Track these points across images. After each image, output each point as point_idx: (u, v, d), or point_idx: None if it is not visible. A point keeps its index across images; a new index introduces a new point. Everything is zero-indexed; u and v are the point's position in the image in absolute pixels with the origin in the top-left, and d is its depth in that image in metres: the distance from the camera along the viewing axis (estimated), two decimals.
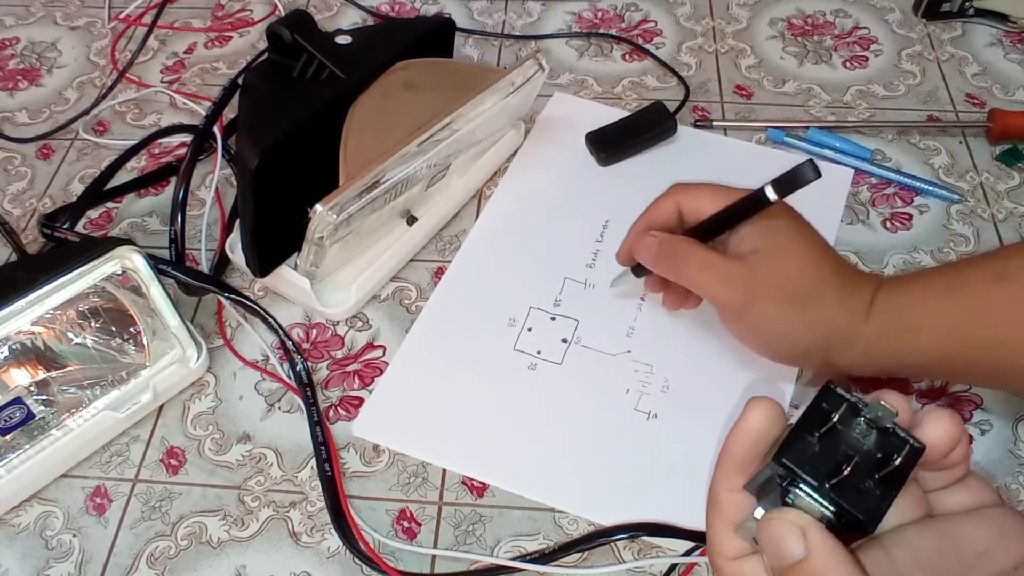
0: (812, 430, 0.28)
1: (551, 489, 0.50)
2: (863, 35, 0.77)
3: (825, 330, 0.42)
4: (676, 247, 0.44)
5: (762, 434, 0.29)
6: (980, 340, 0.40)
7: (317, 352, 0.57)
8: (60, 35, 0.81)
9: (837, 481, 0.26)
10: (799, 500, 0.27)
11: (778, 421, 0.29)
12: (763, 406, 0.29)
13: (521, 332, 0.57)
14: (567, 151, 0.67)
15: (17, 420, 0.49)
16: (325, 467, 0.51)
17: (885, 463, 0.27)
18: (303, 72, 0.56)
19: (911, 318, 0.41)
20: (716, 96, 0.72)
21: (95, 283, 0.50)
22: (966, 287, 0.41)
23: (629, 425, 0.52)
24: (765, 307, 0.42)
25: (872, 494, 0.26)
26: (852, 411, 0.28)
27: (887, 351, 0.42)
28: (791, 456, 0.27)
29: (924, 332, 0.41)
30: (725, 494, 0.30)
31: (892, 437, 0.27)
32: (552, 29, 0.78)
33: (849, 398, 0.28)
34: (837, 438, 0.28)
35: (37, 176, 0.68)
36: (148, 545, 0.49)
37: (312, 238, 0.51)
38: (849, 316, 0.42)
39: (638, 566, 0.47)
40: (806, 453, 0.27)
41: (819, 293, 0.42)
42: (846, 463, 0.27)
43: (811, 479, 0.26)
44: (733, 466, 0.29)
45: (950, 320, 0.40)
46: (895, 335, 0.41)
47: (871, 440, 0.28)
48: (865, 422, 0.28)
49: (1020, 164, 0.66)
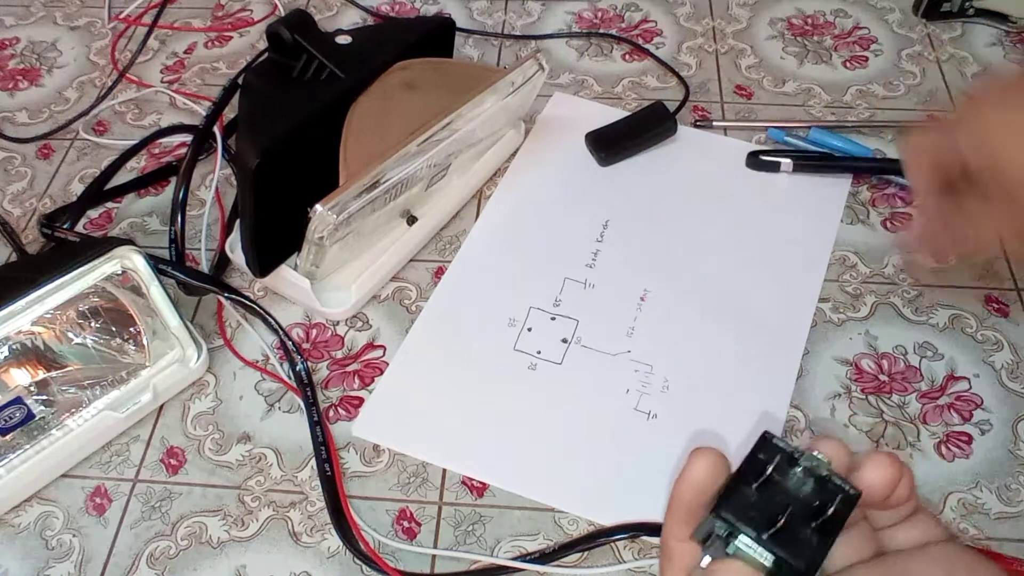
0: (750, 481, 0.28)
1: (551, 489, 0.50)
2: (863, 35, 0.77)
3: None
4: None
5: (706, 484, 0.29)
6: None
7: (317, 352, 0.57)
8: (60, 35, 0.81)
9: (774, 531, 0.27)
10: (739, 551, 0.27)
11: (722, 471, 0.29)
12: (707, 457, 0.29)
13: (521, 332, 0.57)
14: (567, 151, 0.67)
15: (17, 420, 0.49)
16: (325, 467, 0.51)
17: (822, 511, 0.28)
18: (303, 72, 0.56)
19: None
20: (716, 96, 0.72)
21: (95, 283, 0.50)
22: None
23: (629, 425, 0.52)
24: None
25: (810, 542, 0.27)
26: (788, 461, 0.29)
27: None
28: (729, 508, 0.28)
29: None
30: (675, 543, 0.30)
31: (828, 485, 0.28)
32: (552, 29, 0.78)
33: (785, 448, 0.29)
34: (775, 488, 0.28)
35: (37, 176, 0.68)
36: (148, 545, 0.49)
37: (312, 238, 0.51)
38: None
39: (638, 566, 0.47)
40: (744, 504, 0.28)
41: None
42: (782, 513, 0.27)
43: (749, 530, 0.27)
44: (681, 516, 0.30)
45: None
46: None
47: (808, 489, 0.28)
48: (802, 471, 0.28)
49: None
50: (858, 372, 0.55)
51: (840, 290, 0.59)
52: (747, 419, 0.52)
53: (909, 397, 0.54)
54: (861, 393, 0.54)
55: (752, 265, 0.60)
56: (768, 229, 0.62)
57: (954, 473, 0.50)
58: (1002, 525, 0.48)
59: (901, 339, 0.56)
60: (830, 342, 0.56)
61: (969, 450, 0.51)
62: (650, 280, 0.59)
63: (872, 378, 0.54)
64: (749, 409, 0.52)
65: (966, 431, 0.52)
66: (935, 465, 0.51)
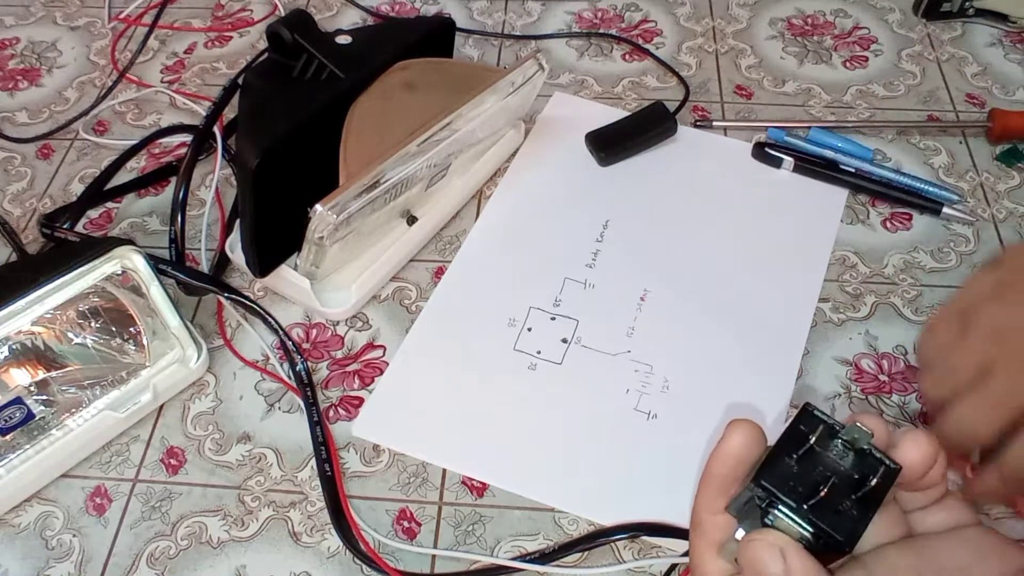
0: (790, 452, 0.28)
1: (551, 489, 0.50)
2: (863, 35, 0.77)
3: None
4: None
5: (743, 456, 0.29)
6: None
7: (317, 352, 0.57)
8: (60, 35, 0.81)
9: (815, 502, 0.27)
10: (778, 521, 0.27)
11: (758, 443, 0.29)
12: (744, 428, 0.29)
13: (521, 332, 0.57)
14: (567, 151, 0.67)
15: (17, 420, 0.49)
16: (325, 467, 0.51)
17: (862, 484, 0.27)
18: (303, 72, 0.56)
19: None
20: (716, 96, 0.72)
21: (95, 283, 0.50)
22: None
23: (629, 425, 0.52)
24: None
25: (849, 514, 0.27)
26: (830, 433, 0.29)
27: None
28: (770, 478, 0.27)
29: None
30: (708, 516, 0.30)
31: (869, 458, 0.28)
32: (552, 29, 0.78)
33: (826, 420, 0.29)
34: (815, 460, 0.28)
35: (37, 176, 0.68)
36: (148, 545, 0.49)
37: (312, 238, 0.51)
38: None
39: (638, 566, 0.47)
40: (785, 475, 0.28)
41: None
42: (823, 484, 0.27)
43: (789, 500, 0.27)
44: (715, 488, 0.30)
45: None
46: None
47: (848, 462, 0.28)
48: (842, 444, 0.28)
49: (1020, 164, 0.66)
50: (858, 372, 0.55)
51: (840, 290, 0.59)
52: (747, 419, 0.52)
53: (909, 397, 0.54)
54: (861, 393, 0.54)
55: (752, 265, 0.60)
56: (768, 229, 0.62)
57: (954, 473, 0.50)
58: (1002, 525, 0.48)
59: (901, 339, 0.56)
60: (830, 342, 0.56)
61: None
62: (650, 280, 0.59)
63: (872, 378, 0.54)
64: (749, 409, 0.52)
65: None
66: None
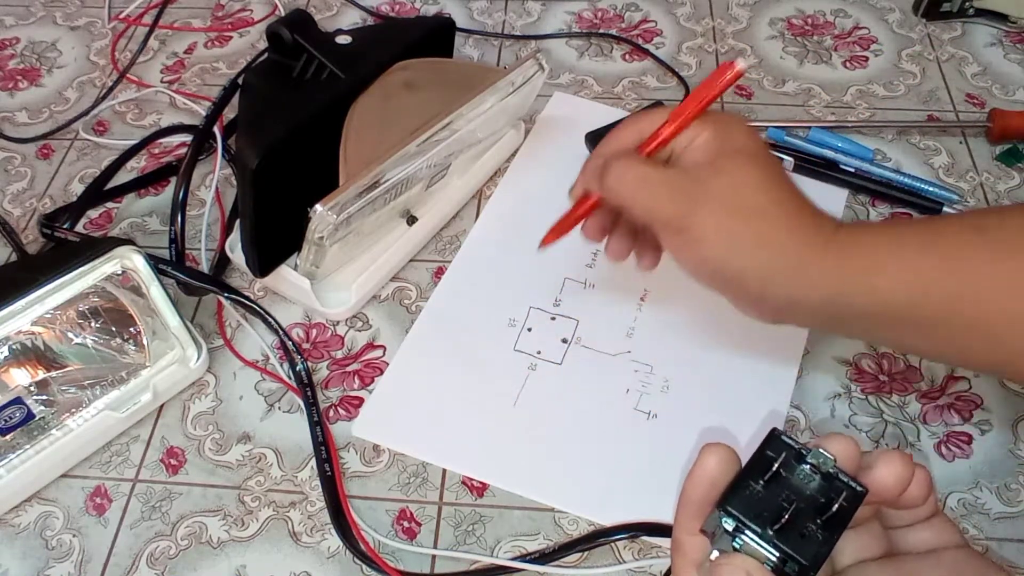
0: (757, 477, 0.29)
1: (551, 489, 0.50)
2: (863, 35, 0.77)
3: (771, 253, 0.37)
4: (614, 164, 0.39)
5: (716, 479, 0.30)
6: (947, 291, 0.36)
7: (317, 352, 0.57)
8: (60, 35, 0.81)
9: (780, 526, 0.28)
10: (746, 546, 0.28)
11: (732, 466, 0.30)
12: (717, 452, 0.30)
13: (521, 332, 0.57)
14: (567, 151, 0.67)
15: (17, 420, 0.49)
16: (325, 467, 0.51)
17: (828, 507, 0.28)
18: (303, 72, 0.56)
19: (877, 258, 0.37)
20: None
21: (95, 283, 0.50)
22: (940, 235, 0.37)
23: (629, 425, 0.52)
24: (705, 219, 0.37)
25: (815, 538, 0.28)
26: (796, 457, 0.29)
27: (842, 291, 0.37)
28: (736, 503, 0.28)
29: (889, 274, 0.37)
30: (686, 537, 0.31)
31: (835, 481, 0.29)
32: (552, 29, 0.78)
33: (792, 444, 0.29)
34: (781, 484, 0.29)
35: (37, 176, 0.68)
36: (148, 545, 0.49)
37: (312, 238, 0.51)
38: (804, 243, 0.37)
39: (638, 566, 0.47)
40: (751, 500, 0.28)
41: (772, 213, 0.37)
42: (789, 508, 0.28)
43: (755, 525, 0.28)
44: (691, 511, 0.30)
45: (918, 265, 0.37)
46: (856, 274, 0.37)
47: (815, 485, 0.29)
48: (809, 468, 0.29)
49: (1020, 164, 0.66)
50: (858, 372, 0.55)
51: None
52: (747, 419, 0.52)
53: (909, 397, 0.54)
54: (861, 393, 0.54)
55: None
56: None
57: (954, 473, 0.50)
58: (1002, 525, 0.48)
59: None
60: (830, 342, 0.56)
61: (969, 450, 0.51)
62: (650, 280, 0.59)
63: (872, 378, 0.54)
64: (749, 409, 0.52)
65: (966, 431, 0.52)
66: (935, 465, 0.51)
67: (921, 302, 0.37)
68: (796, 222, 0.38)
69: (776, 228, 0.37)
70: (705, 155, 0.39)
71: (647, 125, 0.41)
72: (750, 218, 0.37)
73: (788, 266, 0.37)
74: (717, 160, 0.38)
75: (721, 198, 0.38)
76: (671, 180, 0.39)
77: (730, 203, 0.38)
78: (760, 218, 0.37)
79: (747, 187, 0.38)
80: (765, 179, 0.38)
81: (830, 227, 0.38)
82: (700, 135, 0.39)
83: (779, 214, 0.38)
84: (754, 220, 0.37)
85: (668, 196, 0.38)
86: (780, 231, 0.37)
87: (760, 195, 0.38)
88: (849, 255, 0.37)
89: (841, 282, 0.37)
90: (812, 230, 0.38)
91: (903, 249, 0.37)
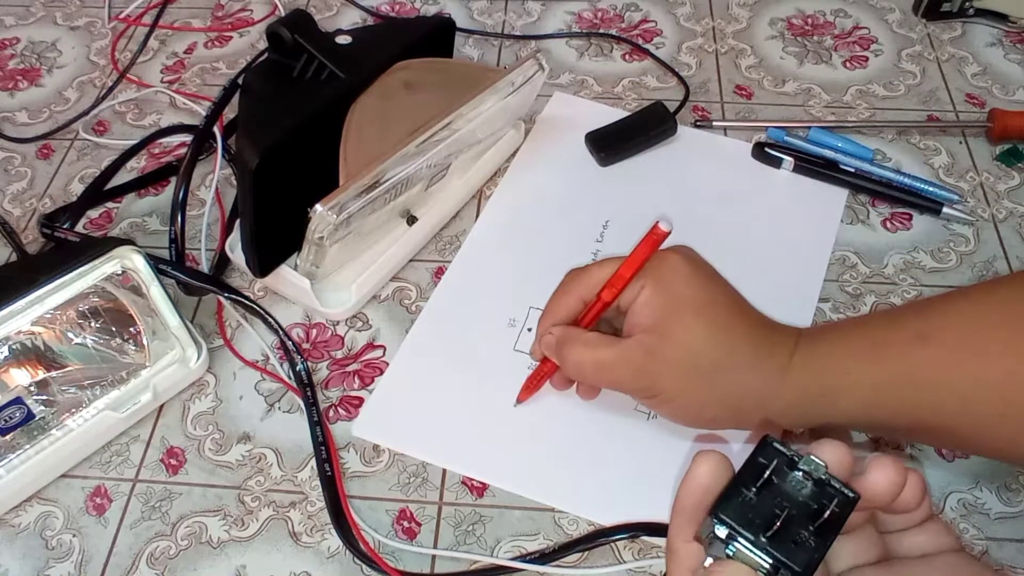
0: (749, 484, 0.29)
1: (551, 489, 0.50)
2: (863, 35, 0.77)
3: (737, 397, 0.41)
4: (567, 350, 0.43)
5: (710, 487, 0.30)
6: (900, 403, 0.39)
7: (317, 352, 0.57)
8: (60, 35, 0.81)
9: (773, 533, 0.28)
10: (738, 553, 0.28)
11: (725, 473, 0.30)
12: (710, 460, 0.30)
13: (521, 332, 0.57)
14: (567, 151, 0.67)
15: (17, 420, 0.49)
16: (325, 467, 0.51)
17: (820, 514, 0.28)
18: (303, 72, 0.56)
19: (830, 381, 0.40)
20: (716, 96, 0.72)
21: (95, 283, 0.50)
22: (886, 347, 0.39)
23: (629, 425, 0.52)
24: (669, 384, 0.41)
25: (807, 544, 0.28)
26: (788, 464, 0.29)
27: (806, 411, 0.41)
28: (728, 511, 0.28)
29: (844, 395, 0.40)
30: (681, 544, 0.31)
31: (827, 488, 0.29)
32: (552, 29, 0.78)
33: (785, 452, 0.30)
34: (773, 491, 0.29)
35: (37, 176, 0.68)
36: (148, 545, 0.49)
37: (312, 238, 0.51)
38: (764, 380, 0.41)
39: (638, 566, 0.47)
40: (743, 507, 0.28)
41: (729, 363, 0.41)
42: (781, 515, 0.28)
43: (747, 533, 0.28)
44: (685, 518, 0.31)
45: (870, 382, 0.39)
46: (814, 398, 0.40)
47: (807, 492, 0.29)
48: (801, 474, 0.29)
49: (1020, 164, 0.66)
50: None
51: (840, 290, 0.59)
52: None
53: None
54: None
55: (752, 265, 0.59)
56: (768, 229, 0.62)
57: (954, 473, 0.50)
58: (1002, 525, 0.48)
59: None
60: None
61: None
62: None
63: None
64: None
65: None
66: (935, 465, 0.51)
67: (881, 414, 0.40)
68: (753, 363, 0.41)
69: (736, 377, 0.41)
70: (650, 317, 0.41)
71: (586, 291, 0.44)
72: (710, 374, 0.41)
73: (755, 403, 0.41)
74: (663, 324, 0.41)
75: (677, 363, 0.41)
76: (626, 358, 0.41)
77: (687, 366, 0.41)
78: (717, 371, 0.41)
79: (697, 345, 0.41)
80: (714, 332, 0.41)
81: (785, 352, 0.41)
82: (642, 291, 0.42)
83: (733, 363, 0.41)
84: (714, 375, 0.41)
85: (630, 376, 0.42)
86: (740, 377, 0.41)
87: (711, 351, 0.41)
88: (807, 383, 0.41)
89: (805, 404, 0.41)
90: (771, 365, 0.41)
91: (859, 365, 0.40)
